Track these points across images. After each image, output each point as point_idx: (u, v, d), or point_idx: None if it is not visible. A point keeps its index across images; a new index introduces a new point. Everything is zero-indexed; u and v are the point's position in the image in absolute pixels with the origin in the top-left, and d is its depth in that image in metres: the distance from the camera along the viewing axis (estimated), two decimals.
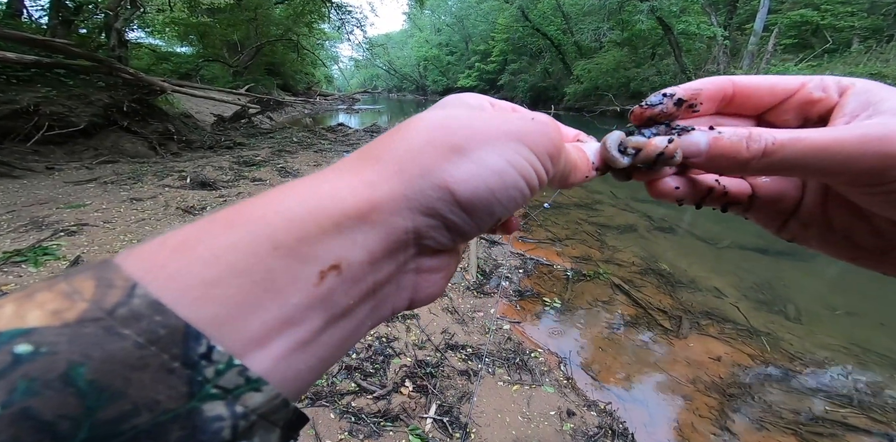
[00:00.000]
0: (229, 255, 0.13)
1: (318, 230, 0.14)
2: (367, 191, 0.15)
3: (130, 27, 8.63)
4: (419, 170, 0.16)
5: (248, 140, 6.33)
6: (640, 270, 2.73)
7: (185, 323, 0.11)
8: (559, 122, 0.23)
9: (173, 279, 0.12)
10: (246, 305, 0.13)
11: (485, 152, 0.17)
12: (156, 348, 0.11)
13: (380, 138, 0.18)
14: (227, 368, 0.12)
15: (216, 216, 0.14)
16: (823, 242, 0.23)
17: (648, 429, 1.53)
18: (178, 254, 0.12)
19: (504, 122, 0.18)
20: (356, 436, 1.34)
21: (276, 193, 0.15)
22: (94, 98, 4.57)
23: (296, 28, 15.06)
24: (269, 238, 0.13)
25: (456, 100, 0.21)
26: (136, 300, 0.11)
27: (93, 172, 3.94)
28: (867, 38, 11.15)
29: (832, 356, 1.96)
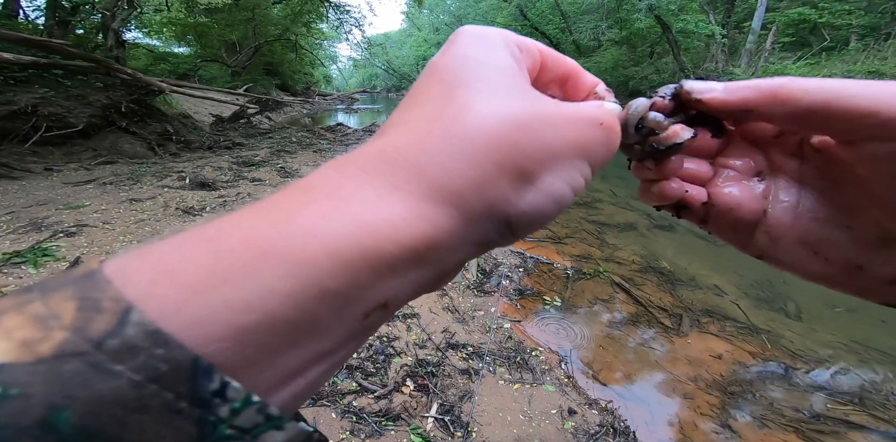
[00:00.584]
0: (266, 301, 0.11)
1: (372, 274, 0.12)
2: (426, 228, 0.13)
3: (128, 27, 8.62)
4: (484, 207, 0.14)
5: (247, 140, 6.32)
6: (641, 269, 2.73)
7: (195, 356, 0.10)
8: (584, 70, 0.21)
9: (194, 327, 0.10)
10: (283, 348, 0.11)
11: (552, 177, 0.15)
12: (157, 387, 0.09)
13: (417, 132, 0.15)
14: (245, 405, 0.10)
15: (233, 245, 0.12)
16: (792, 258, 0.20)
17: (650, 427, 1.53)
18: (199, 297, 0.10)
19: (574, 132, 0.16)
20: (358, 435, 1.34)
21: (307, 216, 0.12)
22: (92, 99, 4.55)
23: (294, 28, 15.03)
24: (316, 284, 0.11)
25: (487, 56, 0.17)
26: (129, 329, 0.09)
27: (91, 173, 3.93)
28: (865, 36, 11.17)
29: (833, 354, 1.96)
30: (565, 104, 0.17)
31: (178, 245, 0.12)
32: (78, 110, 4.38)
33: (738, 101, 0.18)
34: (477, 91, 0.15)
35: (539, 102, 0.16)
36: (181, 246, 0.11)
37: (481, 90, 0.15)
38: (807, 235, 0.20)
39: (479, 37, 0.17)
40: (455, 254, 0.15)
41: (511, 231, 0.15)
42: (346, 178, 0.14)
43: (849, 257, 0.19)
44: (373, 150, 0.15)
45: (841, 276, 0.20)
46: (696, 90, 0.19)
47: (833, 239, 0.19)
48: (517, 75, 0.17)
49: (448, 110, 0.15)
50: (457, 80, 0.16)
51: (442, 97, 0.16)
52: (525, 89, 0.17)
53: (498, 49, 0.17)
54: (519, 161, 0.14)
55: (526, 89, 0.17)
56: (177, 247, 0.11)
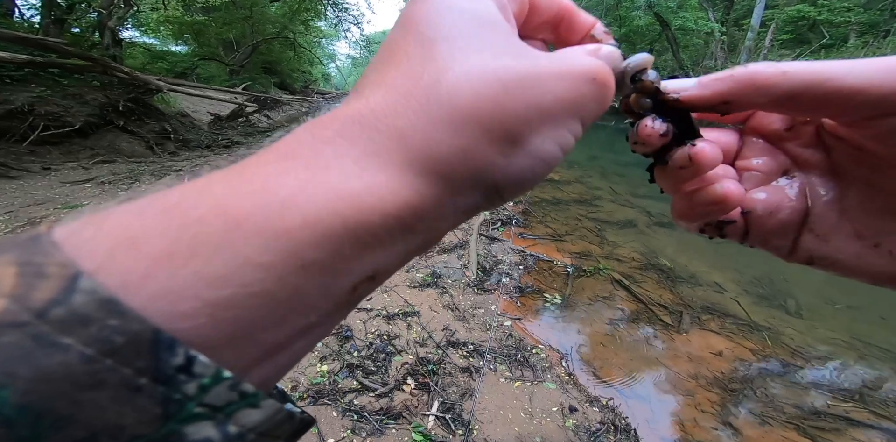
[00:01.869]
0: (242, 275, 0.10)
1: (357, 247, 0.12)
2: (411, 197, 0.13)
3: (124, 26, 8.57)
4: (471, 174, 0.13)
5: (245, 139, 6.30)
6: (641, 266, 2.73)
7: (155, 328, 0.09)
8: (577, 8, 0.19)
9: (160, 300, 0.09)
10: (266, 324, 0.11)
11: (541, 138, 0.14)
12: (112, 361, 0.08)
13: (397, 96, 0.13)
14: (215, 382, 0.09)
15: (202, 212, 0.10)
16: (851, 257, 0.18)
17: (651, 424, 1.54)
18: (163, 267, 0.09)
19: (563, 88, 0.14)
20: (359, 434, 1.34)
21: (284, 184, 0.12)
22: (89, 97, 4.53)
23: (292, 26, 14.97)
24: (297, 256, 0.11)
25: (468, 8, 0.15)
26: (78, 297, 0.08)
27: (90, 172, 3.92)
28: (864, 33, 11.17)
29: (833, 350, 1.97)
30: (556, 57, 0.15)
31: (138, 212, 0.10)
32: (75, 109, 4.36)
33: (713, 94, 0.17)
34: (458, 48, 0.14)
35: (527, 57, 0.15)
36: (141, 213, 0.10)
37: (463, 47, 0.14)
38: (862, 228, 0.18)
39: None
40: (443, 222, 0.14)
41: (499, 195, 0.15)
42: (324, 145, 0.13)
43: None
44: (350, 113, 0.14)
45: None
46: (669, 89, 0.18)
47: (892, 228, 0.17)
48: (502, 26, 0.15)
49: (428, 70, 0.14)
50: (435, 34, 0.14)
51: (420, 54, 0.14)
52: (511, 43, 0.15)
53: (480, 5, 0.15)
54: (506, 124, 0.13)
55: (513, 43, 0.15)
56: (136, 213, 0.10)
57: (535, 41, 0.19)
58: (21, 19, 6.09)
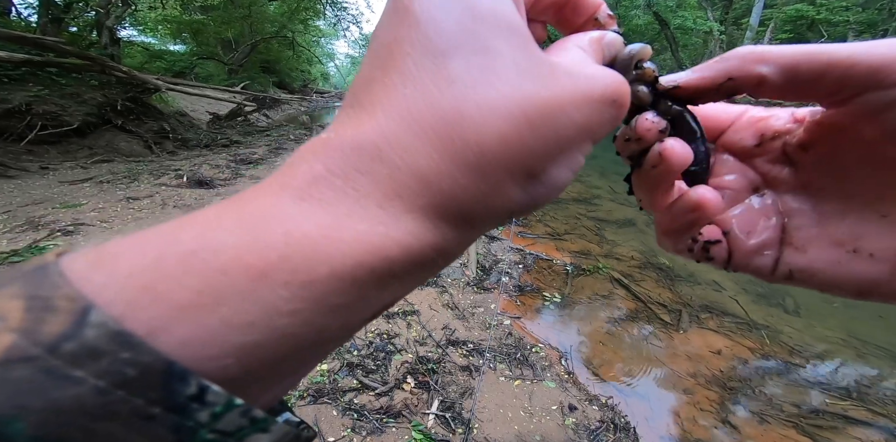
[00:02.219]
0: (270, 321, 0.10)
1: (382, 288, 0.12)
2: (435, 240, 0.13)
3: (122, 25, 8.53)
4: (493, 215, 0.14)
5: (244, 138, 6.29)
6: (640, 264, 2.74)
7: (167, 360, 0.09)
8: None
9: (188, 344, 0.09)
10: (287, 358, 0.11)
11: (558, 169, 0.14)
12: (125, 393, 0.09)
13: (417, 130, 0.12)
14: (227, 409, 0.10)
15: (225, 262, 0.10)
16: (831, 265, 0.18)
17: (650, 423, 1.54)
18: (188, 315, 0.10)
19: (588, 113, 0.14)
20: (359, 433, 1.34)
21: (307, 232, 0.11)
22: (87, 97, 4.52)
23: (291, 25, 14.94)
24: (324, 302, 0.11)
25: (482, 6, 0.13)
26: (89, 331, 0.09)
27: (88, 172, 3.90)
28: (862, 33, 11.20)
29: (831, 349, 1.98)
30: (576, 74, 0.14)
31: (155, 257, 0.10)
32: (73, 108, 4.35)
33: (716, 74, 0.17)
34: (476, 66, 0.13)
35: (549, 79, 0.14)
36: (158, 259, 0.10)
37: (481, 66, 0.13)
38: (839, 235, 0.18)
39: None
40: (460, 252, 0.15)
41: (511, 219, 0.15)
42: (343, 183, 0.12)
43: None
44: (361, 140, 0.12)
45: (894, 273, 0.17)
46: (669, 79, 0.18)
47: (872, 232, 0.17)
48: (519, 31, 0.14)
49: (445, 95, 0.12)
50: (446, 43, 0.13)
51: (431, 69, 0.13)
52: (531, 57, 0.14)
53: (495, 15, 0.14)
54: (528, 162, 0.13)
55: (532, 57, 0.14)
56: (153, 259, 0.10)
57: (536, 24, 0.18)
58: (18, 18, 6.06)
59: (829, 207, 0.18)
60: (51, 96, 4.24)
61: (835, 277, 0.18)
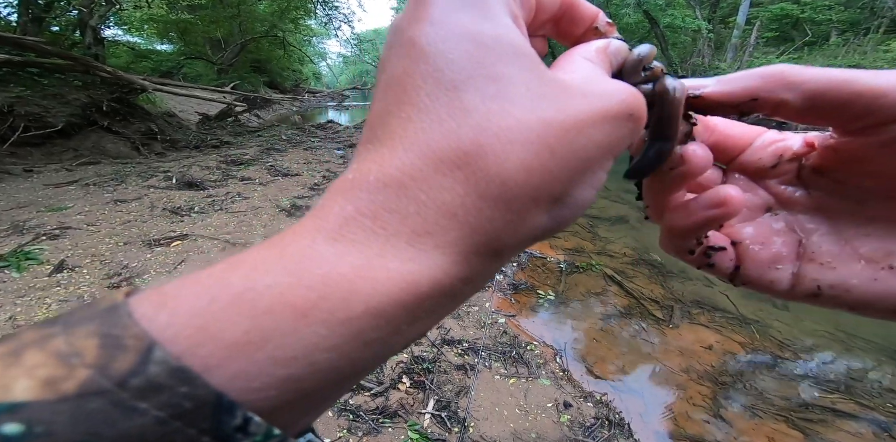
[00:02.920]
0: (310, 355, 0.11)
1: (414, 321, 0.13)
2: (464, 273, 0.13)
3: (106, 24, 8.37)
4: (520, 241, 0.14)
5: (235, 139, 6.21)
6: (632, 261, 2.76)
7: (219, 393, 0.10)
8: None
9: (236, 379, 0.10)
10: (323, 389, 0.12)
11: (581, 190, 0.14)
12: (181, 423, 0.09)
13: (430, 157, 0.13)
14: (266, 439, 0.11)
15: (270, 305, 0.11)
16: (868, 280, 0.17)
17: (644, 418, 1.56)
18: (239, 353, 0.11)
19: (603, 134, 0.14)
20: (355, 433, 1.33)
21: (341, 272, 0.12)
22: (70, 97, 4.43)
23: (281, 24, 14.77)
24: (360, 338, 0.12)
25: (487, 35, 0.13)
26: (153, 368, 0.10)
27: (73, 174, 3.82)
28: (845, 31, 11.43)
29: (819, 343, 2.01)
30: (589, 93, 0.14)
31: (209, 300, 0.11)
32: (56, 109, 4.25)
33: (742, 90, 0.17)
34: (490, 97, 0.13)
35: (563, 100, 0.14)
36: (212, 301, 0.11)
37: (494, 95, 0.13)
38: (869, 254, 0.17)
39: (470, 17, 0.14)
40: (486, 281, 0.15)
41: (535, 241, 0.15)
42: (372, 223, 0.12)
43: None
44: (385, 178, 0.13)
45: None
46: (692, 86, 0.18)
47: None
48: (526, 54, 0.14)
49: (462, 128, 0.13)
50: (457, 74, 0.13)
51: (446, 103, 0.13)
52: (542, 79, 0.14)
53: (495, 10, 0.14)
54: (552, 189, 0.13)
55: (543, 79, 0.14)
56: (207, 301, 0.11)
57: (537, 38, 0.18)
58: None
59: (850, 229, 0.18)
60: (33, 97, 4.15)
61: (871, 293, 0.17)
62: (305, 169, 4.53)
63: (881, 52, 9.59)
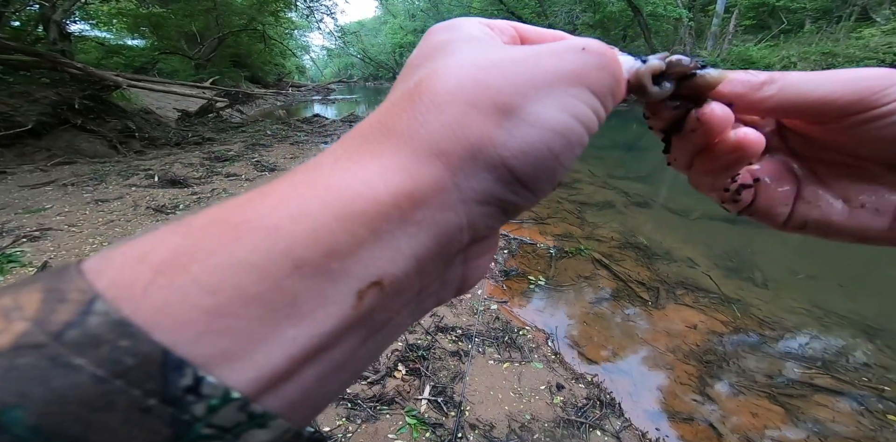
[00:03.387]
0: (236, 277, 0.10)
1: (351, 241, 0.11)
2: (404, 181, 0.12)
3: (71, 19, 7.97)
4: (466, 148, 0.13)
5: (218, 135, 6.05)
6: (620, 245, 2.81)
7: (164, 349, 0.09)
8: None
9: (161, 313, 0.09)
10: (264, 336, 0.10)
11: (541, 106, 0.14)
12: (122, 382, 0.08)
13: (389, 106, 0.14)
14: (224, 402, 0.09)
15: (205, 222, 0.11)
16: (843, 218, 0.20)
17: (634, 398, 1.59)
18: (166, 277, 0.10)
19: (553, 60, 0.14)
20: (354, 421, 1.35)
21: (280, 190, 0.12)
22: (39, 95, 4.24)
23: (260, 17, 14.29)
24: (288, 255, 0.10)
25: (454, 34, 0.16)
26: (93, 319, 0.09)
27: (49, 175, 3.69)
28: (818, 19, 11.66)
29: (798, 320, 2.07)
30: (559, 40, 0.16)
31: (156, 231, 0.11)
32: (24, 108, 4.07)
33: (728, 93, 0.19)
34: (438, 58, 0.15)
35: (510, 48, 0.15)
36: (157, 232, 0.11)
37: (442, 57, 0.15)
38: (843, 194, 0.20)
39: (446, 26, 0.17)
40: (452, 214, 0.13)
41: (519, 180, 0.14)
42: (323, 157, 0.13)
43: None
44: (350, 132, 0.15)
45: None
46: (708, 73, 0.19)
47: (871, 192, 0.19)
48: (484, 38, 0.16)
49: (413, 80, 0.15)
50: (422, 59, 0.16)
51: (409, 76, 0.16)
52: (494, 45, 0.16)
53: (465, 28, 0.17)
54: (494, 97, 0.13)
55: (495, 44, 0.16)
56: (153, 233, 0.11)
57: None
58: None
59: (824, 171, 0.20)
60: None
61: (844, 227, 0.20)
62: (293, 163, 4.46)
63: (853, 39, 9.83)
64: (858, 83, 0.17)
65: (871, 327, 1.99)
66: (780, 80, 0.18)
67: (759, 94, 0.18)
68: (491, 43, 0.16)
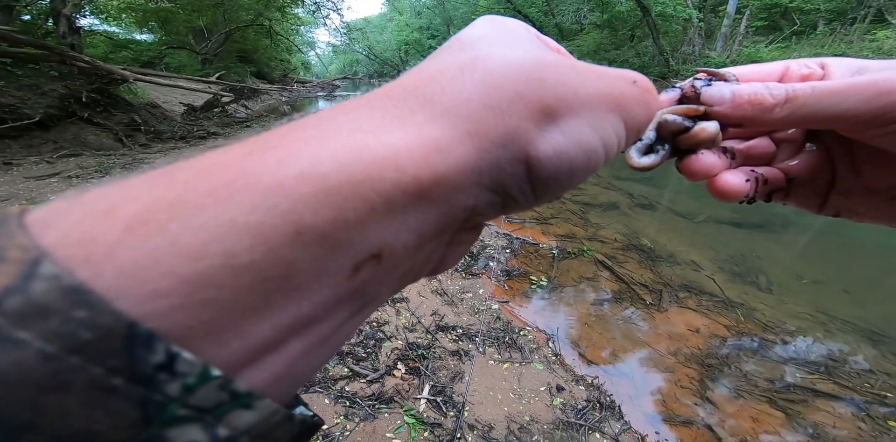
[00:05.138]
0: (225, 241, 0.09)
1: (364, 209, 0.10)
2: (432, 157, 0.11)
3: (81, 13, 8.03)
4: (502, 134, 0.12)
5: (222, 129, 6.08)
6: (623, 246, 2.80)
7: (129, 321, 0.08)
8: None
9: (129, 278, 0.08)
10: (250, 309, 0.09)
11: (579, 121, 0.14)
12: (78, 359, 0.07)
13: (432, 73, 0.13)
14: (202, 381, 0.08)
15: (193, 173, 0.09)
16: (871, 209, 0.21)
17: (634, 401, 1.58)
18: (136, 236, 0.08)
19: (605, 83, 0.14)
20: (352, 419, 1.35)
21: (288, 142, 0.10)
22: (47, 88, 4.28)
23: (267, 13, 14.33)
24: (290, 218, 0.09)
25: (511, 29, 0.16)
26: (38, 284, 0.07)
27: (54, 167, 3.72)
28: (832, 21, 11.50)
29: (801, 325, 2.06)
30: (596, 66, 0.16)
31: (124, 181, 0.09)
32: (33, 101, 4.11)
33: (738, 116, 0.19)
34: (498, 43, 0.14)
35: (567, 57, 0.15)
36: (128, 183, 0.09)
37: (502, 43, 0.15)
38: (875, 184, 0.21)
39: (499, 18, 0.17)
40: (464, 195, 0.12)
41: (530, 180, 0.13)
42: (342, 112, 0.12)
43: None
44: (378, 91, 0.13)
45: None
46: (709, 101, 0.20)
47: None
48: (537, 42, 0.16)
49: (466, 54, 0.14)
50: (477, 39, 0.15)
51: (459, 49, 0.15)
52: (548, 49, 0.16)
53: (518, 28, 0.16)
54: (544, 96, 0.13)
55: (549, 49, 0.16)
56: (123, 184, 0.09)
57: None
58: None
59: (863, 156, 0.21)
60: (7, 88, 4.00)
61: (875, 216, 0.22)
62: None
63: (867, 41, 9.69)
64: (879, 100, 0.16)
65: (875, 333, 1.97)
66: (793, 99, 0.18)
67: (769, 116, 0.18)
68: (544, 46, 0.16)
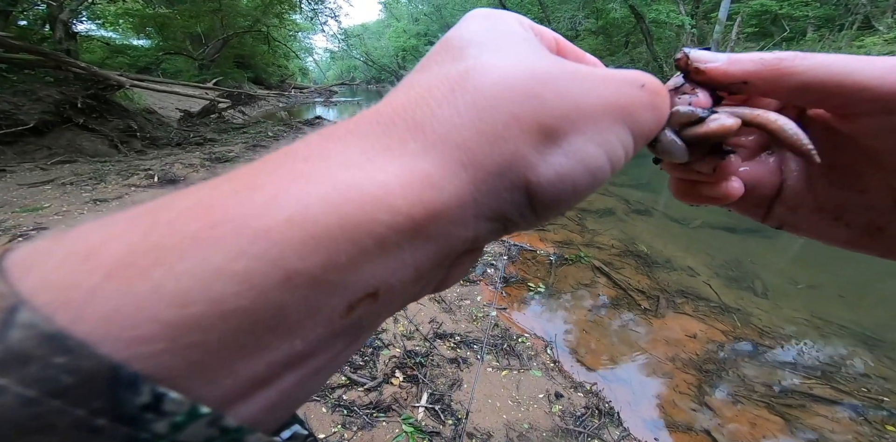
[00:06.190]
0: (211, 289, 0.08)
1: (356, 252, 0.10)
2: (426, 194, 0.11)
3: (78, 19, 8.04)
4: (498, 163, 0.12)
5: (219, 135, 6.06)
6: (620, 252, 2.81)
7: (112, 365, 0.08)
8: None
9: (110, 323, 0.08)
10: (241, 349, 0.09)
11: (583, 140, 0.13)
12: (61, 403, 0.07)
13: (421, 92, 0.13)
14: (191, 419, 0.08)
15: (175, 215, 0.09)
16: (813, 226, 0.20)
17: (633, 407, 1.58)
18: (118, 282, 0.08)
19: (609, 90, 0.13)
20: (349, 428, 1.33)
21: (274, 182, 0.10)
22: (42, 94, 4.26)
23: (265, 19, 14.39)
24: (279, 264, 0.09)
25: (503, 26, 0.15)
26: (15, 332, 0.07)
27: (48, 173, 3.69)
28: (820, 27, 11.73)
29: (797, 330, 2.07)
30: (599, 67, 0.15)
31: (107, 220, 0.09)
32: (27, 107, 4.09)
33: (738, 72, 0.17)
34: (489, 49, 0.13)
35: (565, 62, 0.14)
36: (109, 221, 0.09)
37: (493, 49, 0.13)
38: (824, 202, 0.20)
39: (491, 13, 0.16)
40: (462, 229, 0.12)
41: (532, 205, 0.13)
42: (331, 142, 0.11)
43: (868, 220, 0.19)
44: (366, 114, 0.13)
45: (863, 239, 0.19)
46: (699, 59, 0.18)
47: (850, 204, 0.19)
48: (535, 41, 0.15)
49: (456, 67, 0.13)
50: (466, 43, 0.14)
51: (450, 59, 0.14)
52: (545, 52, 0.14)
53: (511, 23, 0.15)
54: (541, 116, 0.12)
55: (546, 52, 0.14)
56: (105, 223, 0.09)
57: None
58: None
59: (820, 173, 0.20)
60: (2, 94, 3.98)
61: (817, 234, 0.21)
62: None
63: (855, 47, 9.88)
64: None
65: (871, 338, 1.98)
66: (805, 58, 0.16)
67: (779, 68, 0.16)
68: (540, 47, 0.15)
